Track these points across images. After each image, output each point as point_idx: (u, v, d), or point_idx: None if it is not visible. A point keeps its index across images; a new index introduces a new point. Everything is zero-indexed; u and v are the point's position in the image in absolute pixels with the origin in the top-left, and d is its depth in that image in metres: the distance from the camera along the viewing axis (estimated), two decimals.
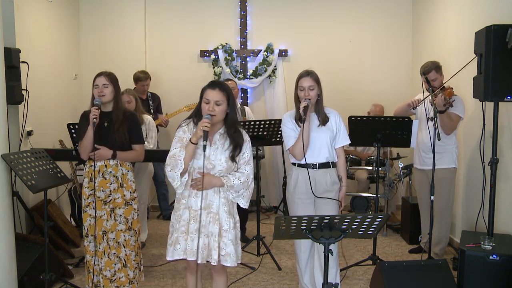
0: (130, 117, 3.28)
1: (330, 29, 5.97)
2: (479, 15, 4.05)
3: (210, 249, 2.62)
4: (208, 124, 2.52)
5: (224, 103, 2.61)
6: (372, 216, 2.16)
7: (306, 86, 3.08)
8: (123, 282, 3.24)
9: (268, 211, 6.01)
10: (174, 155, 2.57)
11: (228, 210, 2.68)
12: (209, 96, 2.60)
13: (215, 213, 2.65)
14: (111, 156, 3.19)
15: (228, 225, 2.66)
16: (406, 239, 4.78)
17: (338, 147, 3.20)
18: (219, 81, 2.70)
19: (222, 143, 2.67)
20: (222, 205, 2.67)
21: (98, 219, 3.21)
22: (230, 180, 2.63)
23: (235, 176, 2.65)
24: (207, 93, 2.61)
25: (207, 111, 2.59)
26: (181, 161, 2.55)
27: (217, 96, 2.59)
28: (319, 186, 3.13)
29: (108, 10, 5.96)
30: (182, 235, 2.65)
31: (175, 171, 2.56)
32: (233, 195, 2.69)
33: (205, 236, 2.63)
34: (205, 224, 2.64)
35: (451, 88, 3.82)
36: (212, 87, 2.61)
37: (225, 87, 2.64)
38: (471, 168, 4.21)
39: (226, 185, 2.63)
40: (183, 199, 2.69)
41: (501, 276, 3.08)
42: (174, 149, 2.61)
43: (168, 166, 2.59)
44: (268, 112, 6.02)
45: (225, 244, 2.64)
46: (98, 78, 3.21)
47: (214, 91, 2.60)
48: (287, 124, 3.19)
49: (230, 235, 2.65)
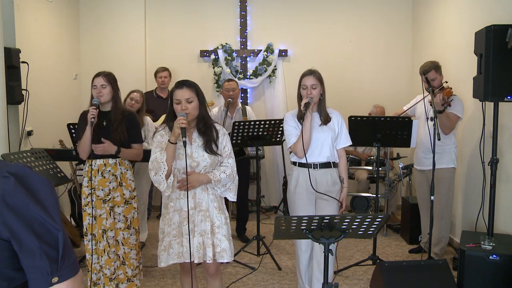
0: (129, 117, 3.29)
1: (330, 29, 5.97)
2: (479, 15, 4.05)
3: (205, 248, 2.63)
4: (184, 121, 2.52)
5: (195, 99, 2.62)
6: (372, 216, 2.16)
7: (308, 85, 3.09)
8: (121, 280, 3.26)
9: (268, 211, 6.01)
10: (155, 159, 2.57)
11: (218, 205, 2.70)
12: (178, 96, 2.60)
13: (205, 211, 2.66)
14: (115, 152, 3.18)
15: (220, 220, 2.68)
16: (406, 239, 4.78)
17: (339, 148, 3.21)
18: (184, 80, 2.68)
19: (201, 139, 2.68)
20: (211, 201, 2.69)
21: (97, 218, 3.22)
22: (216, 175, 2.64)
23: (220, 170, 2.67)
24: (176, 93, 2.61)
25: (180, 111, 2.59)
26: (163, 163, 2.54)
27: (186, 94, 2.59)
28: (319, 186, 3.13)
29: (108, 10, 5.96)
30: (174, 239, 2.66)
31: (159, 175, 2.56)
32: (221, 190, 2.70)
33: (199, 235, 2.64)
34: (197, 223, 2.65)
35: (450, 88, 3.82)
36: (179, 87, 2.61)
37: (192, 83, 2.65)
38: (471, 168, 4.21)
39: (213, 180, 2.64)
40: (171, 203, 2.69)
41: (501, 276, 3.08)
42: (154, 153, 2.60)
43: (151, 171, 2.58)
44: (268, 112, 6.02)
45: (219, 240, 2.66)
46: (96, 79, 3.22)
47: (182, 90, 2.60)
48: (289, 122, 3.19)
49: (223, 230, 2.67)
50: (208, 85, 5.99)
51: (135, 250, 3.32)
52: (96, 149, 3.13)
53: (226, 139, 2.73)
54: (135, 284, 3.31)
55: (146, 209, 4.72)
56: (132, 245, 3.30)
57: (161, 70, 5.48)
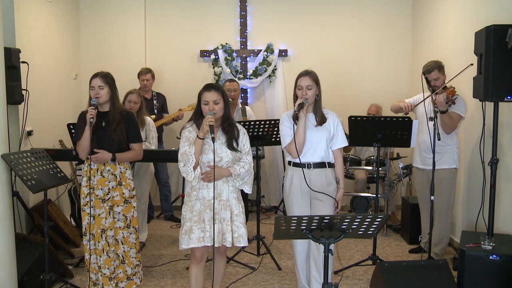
0: (127, 116, 3.29)
1: (330, 29, 5.97)
2: (479, 15, 4.05)
3: (224, 233, 2.90)
4: (212, 119, 2.79)
5: (221, 101, 2.90)
6: (372, 216, 2.16)
7: (304, 85, 3.09)
8: (120, 278, 3.27)
9: (268, 211, 6.01)
10: (185, 152, 2.83)
11: (236, 196, 2.99)
12: (207, 98, 2.87)
13: (225, 200, 2.93)
14: (111, 159, 3.21)
15: (238, 210, 2.95)
16: (406, 239, 4.78)
17: (335, 149, 3.21)
18: (212, 84, 2.98)
19: (225, 137, 2.96)
20: (231, 192, 2.96)
21: (96, 217, 3.22)
22: (237, 170, 2.92)
23: (240, 165, 2.95)
24: (204, 95, 2.89)
25: (208, 111, 2.85)
26: (192, 156, 2.80)
27: (214, 96, 2.87)
28: (314, 186, 3.13)
29: (108, 10, 5.96)
30: (195, 224, 2.87)
31: (187, 166, 2.82)
32: (240, 183, 3.00)
33: (218, 222, 2.89)
34: (218, 211, 2.90)
35: (453, 88, 3.82)
36: (208, 90, 2.89)
37: (219, 87, 2.94)
38: (471, 168, 4.21)
39: (234, 174, 2.92)
40: (194, 192, 2.92)
41: (501, 276, 3.08)
42: (183, 147, 2.86)
43: (181, 163, 2.84)
44: (268, 112, 6.02)
45: (237, 227, 2.93)
46: (93, 80, 3.22)
47: (211, 93, 2.87)
48: (284, 123, 3.20)
49: (240, 218, 2.95)
50: None
51: (134, 249, 3.32)
52: (93, 160, 3.18)
53: (245, 138, 3.02)
54: (134, 283, 3.32)
55: (146, 209, 4.72)
56: (132, 244, 3.30)
57: (144, 72, 5.38)
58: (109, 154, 3.19)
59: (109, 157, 3.19)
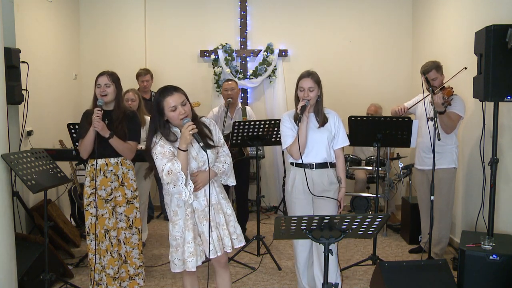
0: (130, 115, 3.30)
1: (330, 29, 5.98)
2: (479, 15, 4.05)
3: (222, 238, 2.71)
4: (193, 125, 2.50)
5: (186, 101, 2.59)
6: (372, 216, 2.16)
7: (306, 87, 3.07)
8: (123, 278, 3.28)
9: (268, 211, 6.01)
10: (170, 171, 2.48)
11: (224, 196, 2.82)
12: (172, 103, 2.53)
13: (216, 204, 2.74)
14: (108, 135, 3.12)
15: (229, 209, 2.80)
16: (406, 239, 4.78)
17: (337, 148, 3.20)
18: (168, 86, 2.61)
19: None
20: (219, 193, 2.78)
21: (100, 218, 3.22)
22: (220, 168, 2.74)
23: (221, 162, 2.75)
24: (167, 101, 2.53)
25: (179, 116, 2.54)
26: (180, 173, 2.49)
27: (179, 98, 2.55)
28: (316, 186, 3.13)
29: (108, 10, 5.96)
30: (190, 245, 2.62)
31: (178, 185, 2.50)
32: (224, 179, 2.84)
33: (215, 229, 2.70)
34: (213, 218, 2.70)
35: (450, 88, 3.82)
36: (169, 93, 2.54)
37: (177, 87, 2.61)
38: (471, 168, 4.21)
39: (218, 173, 2.73)
40: (185, 208, 2.66)
41: (501, 276, 3.08)
42: (163, 165, 2.50)
43: (170, 184, 2.50)
44: (268, 112, 6.02)
45: (234, 227, 2.79)
46: (100, 78, 3.22)
47: (174, 96, 2.54)
48: (285, 123, 3.19)
49: (233, 217, 2.80)
50: (208, 85, 6.00)
51: (137, 250, 3.32)
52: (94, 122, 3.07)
53: (216, 128, 2.79)
54: (137, 283, 3.32)
55: (146, 209, 4.72)
56: (134, 244, 3.30)
57: (143, 73, 5.39)
58: (108, 131, 3.13)
59: (107, 133, 3.12)
